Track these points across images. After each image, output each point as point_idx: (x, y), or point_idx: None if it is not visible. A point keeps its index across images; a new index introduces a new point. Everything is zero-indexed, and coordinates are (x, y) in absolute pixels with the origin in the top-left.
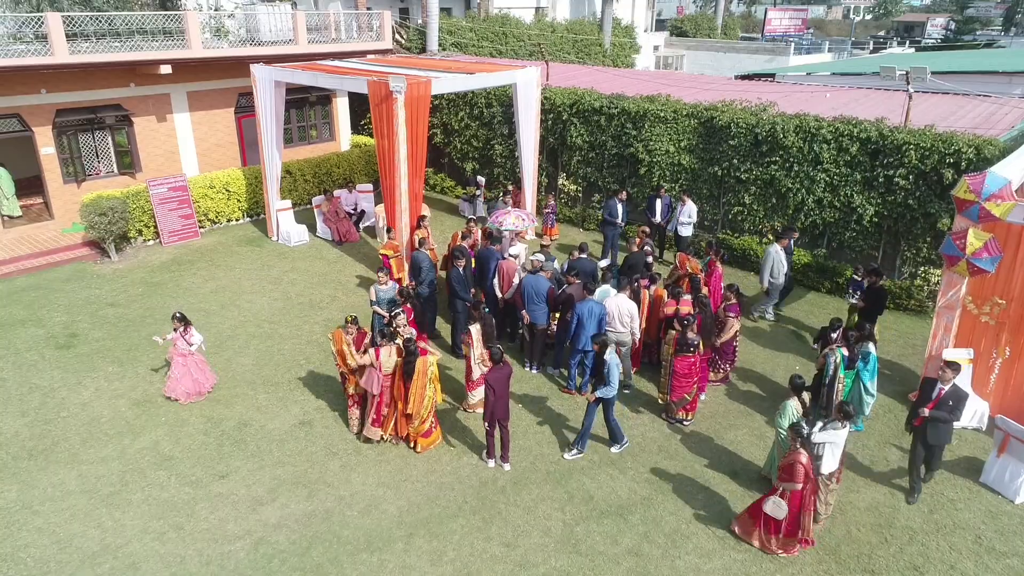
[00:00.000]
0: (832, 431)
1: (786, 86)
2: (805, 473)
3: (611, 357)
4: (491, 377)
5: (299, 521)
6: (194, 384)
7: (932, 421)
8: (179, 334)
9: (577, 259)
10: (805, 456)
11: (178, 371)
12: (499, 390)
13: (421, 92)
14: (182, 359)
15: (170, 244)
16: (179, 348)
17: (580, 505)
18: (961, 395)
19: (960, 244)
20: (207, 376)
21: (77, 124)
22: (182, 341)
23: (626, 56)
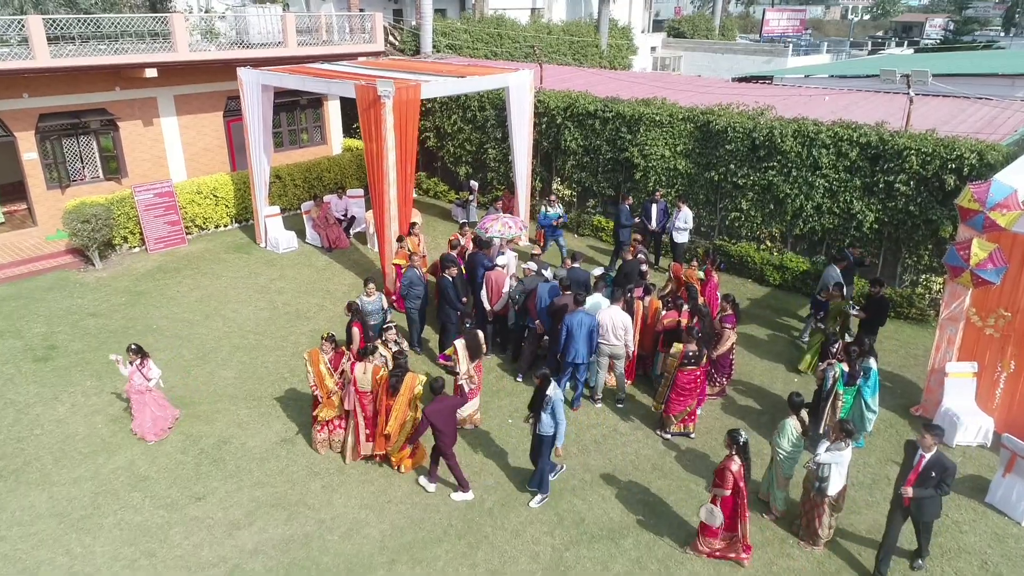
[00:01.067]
0: (836, 452)
1: (784, 89)
2: (734, 480)
3: (554, 392)
4: (430, 410)
5: (277, 547)
6: (154, 422)
7: (915, 500)
8: (135, 367)
9: (570, 268)
10: (736, 463)
11: (138, 407)
12: (441, 424)
13: (410, 96)
14: (139, 396)
15: (156, 251)
16: (135, 384)
17: (570, 528)
18: (947, 465)
19: (964, 255)
20: (167, 411)
21: (61, 129)
22: (139, 375)
23: (623, 57)
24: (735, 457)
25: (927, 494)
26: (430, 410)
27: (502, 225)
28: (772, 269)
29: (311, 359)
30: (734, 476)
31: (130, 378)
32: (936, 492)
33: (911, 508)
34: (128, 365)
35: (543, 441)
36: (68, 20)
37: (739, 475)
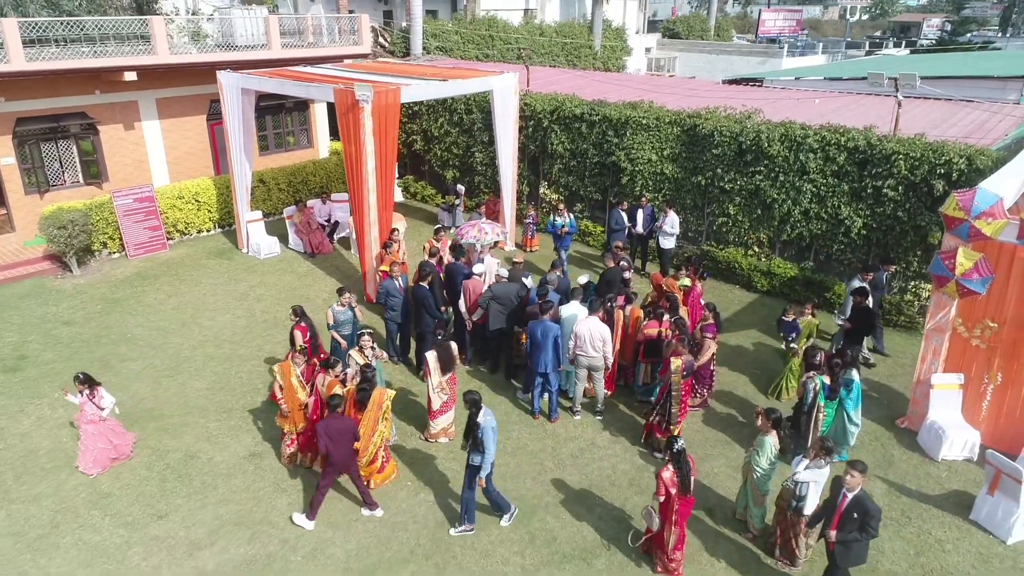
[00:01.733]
0: (816, 470)
1: (774, 91)
2: (666, 488)
3: (485, 420)
4: (322, 426)
5: (237, 568)
6: (114, 449)
7: (839, 545)
8: (86, 398)
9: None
10: (668, 471)
11: (89, 441)
12: (334, 444)
13: (390, 101)
14: (92, 427)
15: (136, 257)
16: (87, 414)
17: (542, 548)
18: (869, 507)
19: (949, 264)
20: (125, 438)
21: (39, 133)
22: (90, 406)
23: (617, 58)
24: (668, 464)
25: (851, 538)
26: (323, 425)
27: (478, 231)
28: (760, 275)
29: (282, 372)
30: (664, 484)
31: (81, 408)
32: (861, 536)
33: (836, 556)
34: (78, 395)
35: (469, 470)
36: (46, 23)
37: (670, 482)
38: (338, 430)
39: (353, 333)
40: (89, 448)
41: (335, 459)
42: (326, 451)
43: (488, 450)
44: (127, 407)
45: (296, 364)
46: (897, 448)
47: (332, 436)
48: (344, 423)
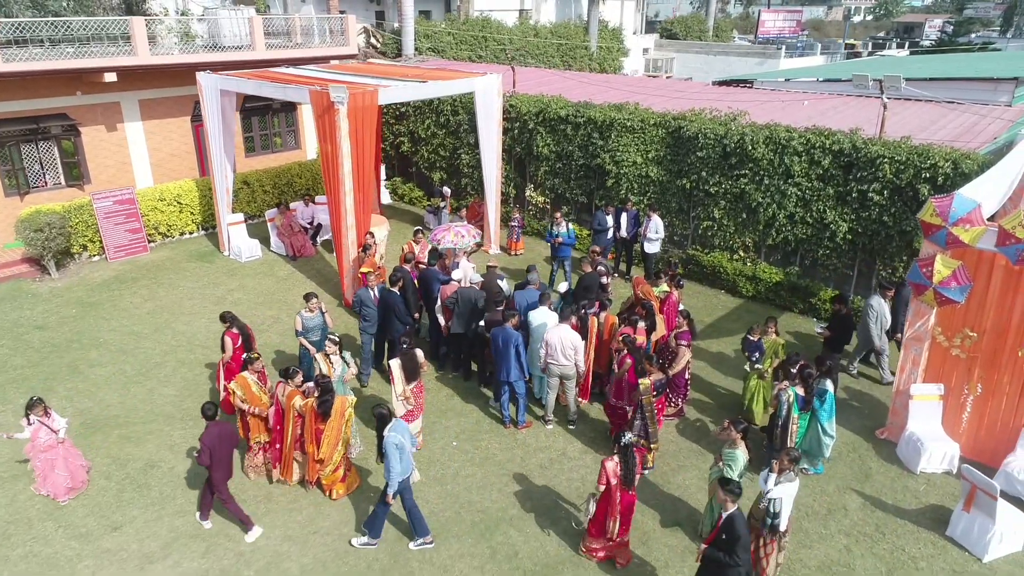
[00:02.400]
0: (788, 484)
1: (763, 93)
2: (607, 478)
3: (390, 436)
4: (207, 438)
5: None
6: (71, 477)
7: (706, 560)
8: (38, 423)
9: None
10: (613, 462)
11: (46, 468)
12: (216, 453)
13: (366, 102)
14: (46, 454)
15: (116, 260)
16: (41, 441)
17: (503, 563)
18: (737, 532)
19: (927, 272)
20: (81, 463)
21: (19, 134)
22: (45, 431)
23: (613, 60)
24: (614, 456)
25: (716, 558)
26: (204, 435)
27: (455, 235)
28: (745, 280)
29: (240, 385)
30: (607, 473)
31: (34, 437)
32: (724, 558)
33: (701, 568)
34: (29, 423)
35: (401, 490)
36: (23, 24)
37: (612, 473)
38: (216, 437)
39: (322, 339)
40: (50, 475)
41: (220, 471)
42: (208, 462)
43: (390, 467)
44: (93, 414)
45: (252, 372)
46: (875, 460)
47: (210, 444)
48: (222, 429)
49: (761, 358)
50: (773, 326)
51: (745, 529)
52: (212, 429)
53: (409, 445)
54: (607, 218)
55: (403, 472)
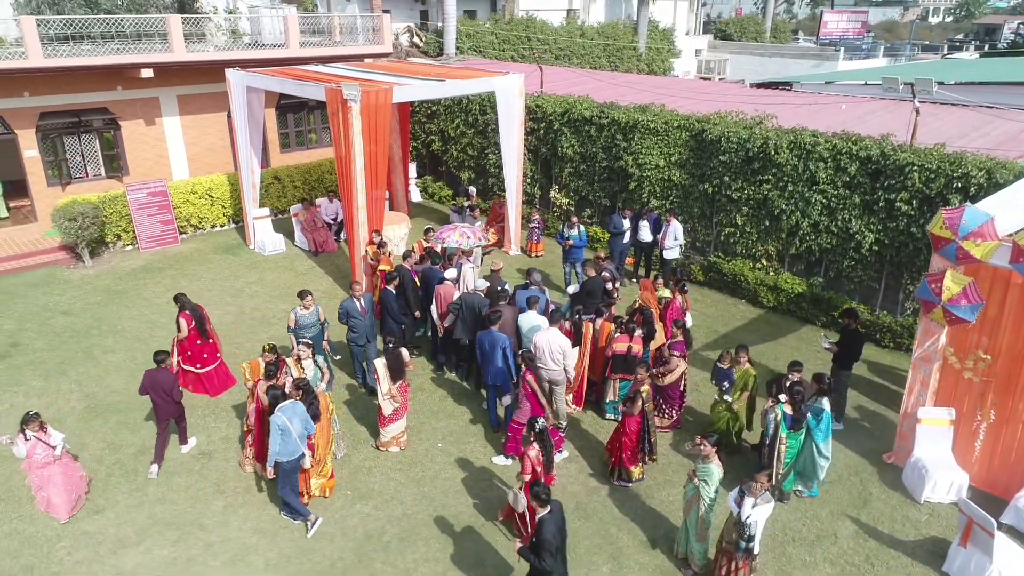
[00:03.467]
0: (765, 505)
1: (800, 96)
2: (533, 467)
3: (275, 416)
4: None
5: (155, 569)
6: (69, 493)
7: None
8: (36, 439)
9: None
10: (535, 450)
11: (43, 483)
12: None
13: (380, 100)
14: (44, 470)
15: (148, 250)
16: (38, 458)
17: (468, 570)
18: (543, 535)
19: (936, 288)
20: (80, 477)
21: (62, 127)
22: (42, 447)
23: (663, 60)
24: (533, 444)
25: (527, 558)
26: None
27: (459, 235)
28: (766, 290)
29: (251, 369)
30: (532, 462)
31: (30, 454)
32: (533, 561)
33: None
34: (26, 440)
35: (282, 474)
36: (66, 21)
37: (537, 460)
38: (154, 381)
39: (318, 337)
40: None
41: (161, 409)
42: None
43: (271, 446)
44: (98, 399)
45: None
46: (877, 485)
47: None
48: (161, 375)
49: (730, 389)
50: (745, 355)
51: (551, 534)
52: (149, 374)
53: (300, 430)
54: (623, 221)
55: (286, 454)
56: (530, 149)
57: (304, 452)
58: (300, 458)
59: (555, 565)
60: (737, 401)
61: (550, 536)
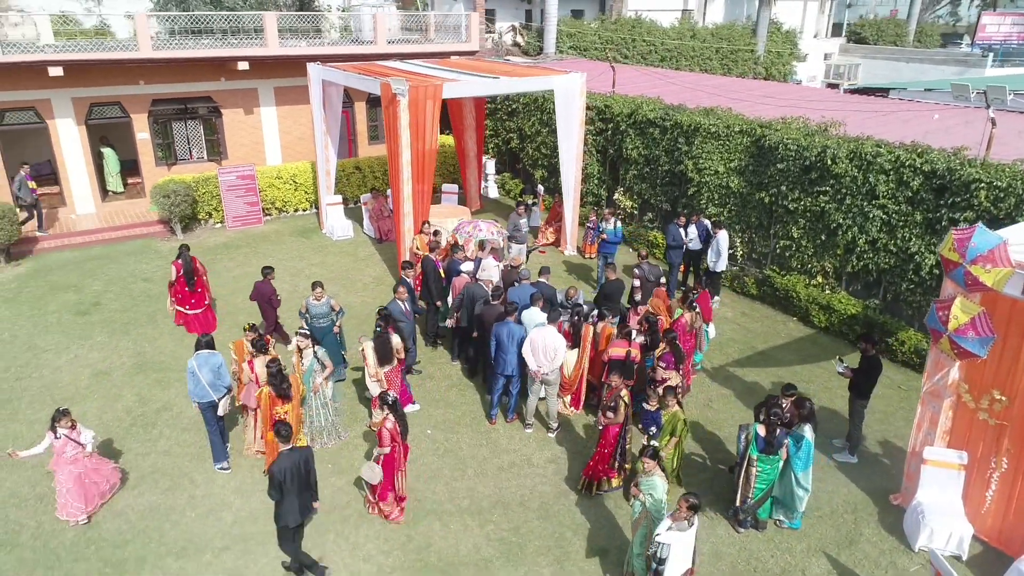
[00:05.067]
0: (678, 531)
1: (890, 103)
2: (392, 437)
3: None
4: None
5: (140, 513)
6: (95, 489)
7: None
8: (67, 436)
9: (536, 282)
10: (391, 422)
11: (70, 483)
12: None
13: (429, 95)
14: (73, 467)
15: (233, 228)
16: (67, 455)
17: (411, 553)
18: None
19: (943, 316)
20: (107, 472)
21: (171, 113)
22: (71, 445)
23: (783, 64)
24: (389, 416)
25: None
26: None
27: (473, 228)
28: (818, 309)
29: (235, 349)
30: (391, 434)
31: (60, 452)
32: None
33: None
34: (56, 438)
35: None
36: (177, 17)
37: (395, 432)
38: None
39: (328, 328)
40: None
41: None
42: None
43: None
44: (146, 357)
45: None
46: (872, 526)
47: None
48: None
49: (658, 434)
50: (673, 397)
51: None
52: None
53: (210, 378)
54: (681, 232)
55: (197, 395)
56: (598, 149)
57: (215, 400)
58: (212, 404)
59: (280, 499)
60: (664, 448)
61: (277, 470)
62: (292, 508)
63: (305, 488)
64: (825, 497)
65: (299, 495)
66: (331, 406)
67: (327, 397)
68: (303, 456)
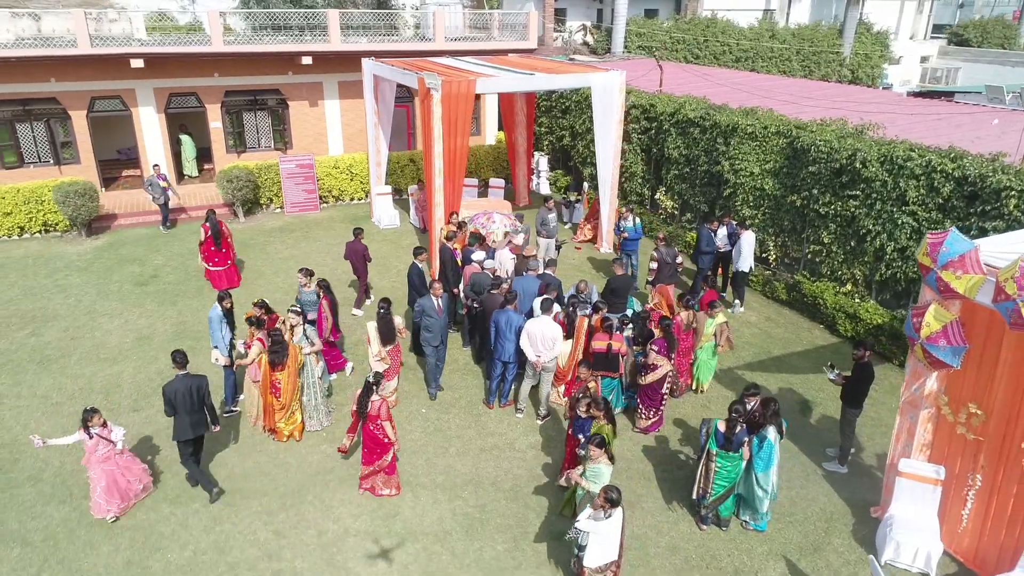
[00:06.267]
0: (594, 521)
1: (949, 106)
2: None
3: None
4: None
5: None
6: (127, 488)
7: None
8: (98, 436)
9: (542, 274)
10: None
11: (103, 482)
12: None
13: (462, 90)
14: (104, 465)
15: (291, 214)
16: (99, 453)
17: (378, 520)
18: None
19: (917, 323)
20: (139, 473)
21: (241, 104)
22: (103, 444)
23: (872, 67)
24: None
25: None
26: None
27: (486, 219)
28: (844, 317)
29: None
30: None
31: (92, 451)
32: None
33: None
34: (89, 438)
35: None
36: (248, 14)
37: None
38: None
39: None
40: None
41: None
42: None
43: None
44: (186, 327)
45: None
46: (842, 537)
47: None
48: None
49: (586, 445)
50: (600, 410)
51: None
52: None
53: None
54: (713, 236)
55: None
56: (643, 148)
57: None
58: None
59: (172, 415)
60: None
61: (168, 391)
62: (182, 425)
63: (197, 410)
64: (803, 504)
65: (189, 414)
66: (319, 385)
67: (315, 376)
68: (196, 383)
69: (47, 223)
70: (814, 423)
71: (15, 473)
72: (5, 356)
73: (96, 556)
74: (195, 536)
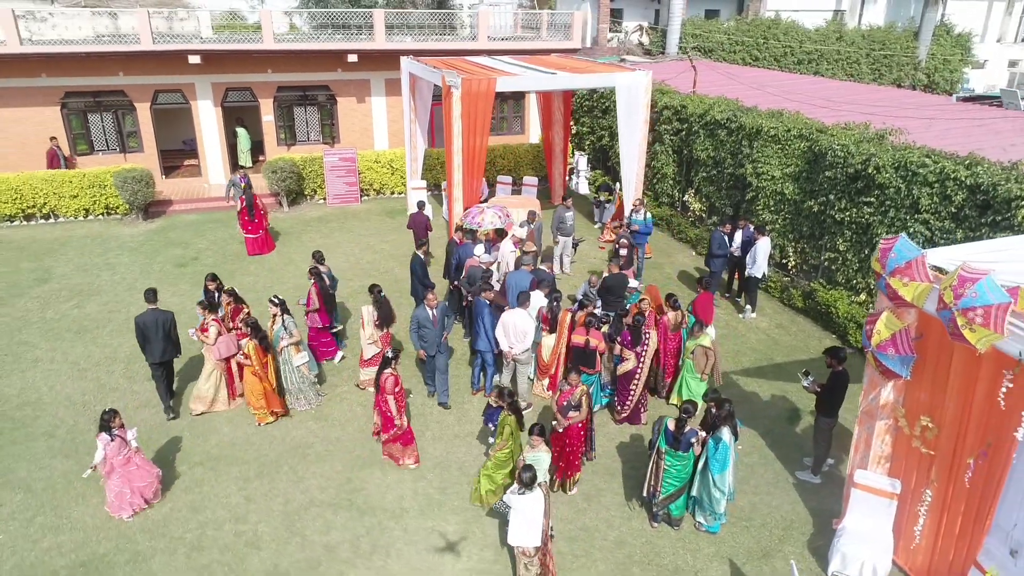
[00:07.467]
0: (520, 497)
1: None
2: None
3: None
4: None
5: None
6: (141, 491)
7: None
8: (117, 438)
9: (536, 269)
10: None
11: (120, 486)
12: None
13: (482, 89)
14: (123, 468)
15: (333, 205)
16: (121, 456)
17: (343, 494)
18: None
19: (869, 330)
20: (151, 477)
21: (292, 99)
22: (123, 446)
23: (951, 71)
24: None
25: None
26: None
27: (479, 213)
28: (855, 328)
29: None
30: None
31: (111, 455)
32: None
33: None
34: (111, 440)
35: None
36: (301, 13)
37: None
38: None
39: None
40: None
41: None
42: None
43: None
44: None
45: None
46: (796, 545)
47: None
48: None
49: (495, 432)
50: (503, 401)
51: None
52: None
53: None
54: (726, 239)
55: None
56: (675, 150)
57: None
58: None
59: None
60: (494, 448)
61: (139, 321)
62: (152, 351)
63: (165, 340)
64: (764, 510)
65: (158, 342)
66: (299, 372)
67: (293, 364)
68: (164, 316)
69: (108, 206)
70: (799, 432)
71: (33, 428)
72: (49, 324)
73: (85, 507)
74: (174, 495)
